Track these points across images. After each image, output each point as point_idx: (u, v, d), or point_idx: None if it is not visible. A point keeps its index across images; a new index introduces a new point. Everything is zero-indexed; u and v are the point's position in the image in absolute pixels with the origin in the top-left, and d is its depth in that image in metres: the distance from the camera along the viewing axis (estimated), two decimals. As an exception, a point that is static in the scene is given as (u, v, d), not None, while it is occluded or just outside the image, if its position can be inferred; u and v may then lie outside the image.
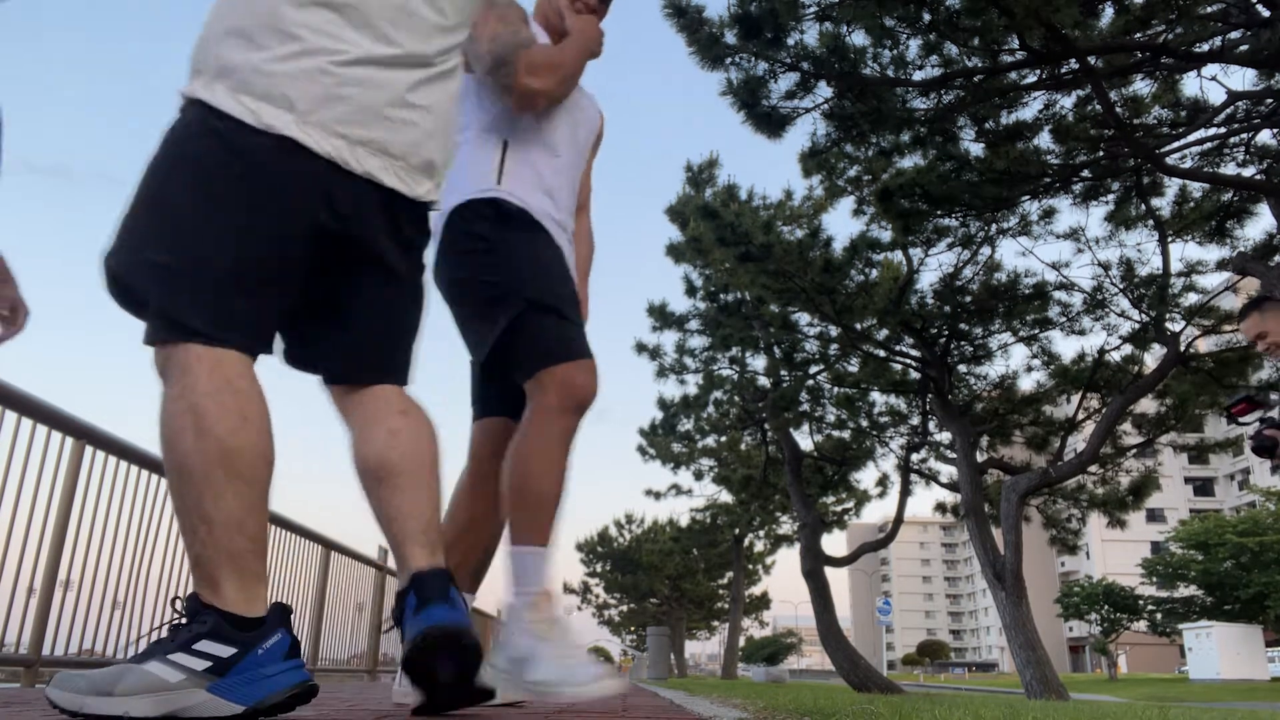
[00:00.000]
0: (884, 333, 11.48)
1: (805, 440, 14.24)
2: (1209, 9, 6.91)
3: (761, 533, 25.93)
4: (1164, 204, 9.44)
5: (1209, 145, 8.23)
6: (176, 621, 1.33)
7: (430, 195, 1.65)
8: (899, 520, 14.45)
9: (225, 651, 1.28)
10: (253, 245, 1.40)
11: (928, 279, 11.84)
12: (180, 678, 1.26)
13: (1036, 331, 11.57)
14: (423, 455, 1.57)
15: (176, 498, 1.34)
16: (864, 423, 13.83)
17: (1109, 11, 7.18)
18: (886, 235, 10.34)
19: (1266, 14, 6.54)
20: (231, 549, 1.31)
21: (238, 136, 1.40)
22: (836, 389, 13.34)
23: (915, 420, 13.82)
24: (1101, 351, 10.92)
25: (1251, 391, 3.68)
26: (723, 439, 18.81)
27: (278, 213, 1.42)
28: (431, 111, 1.60)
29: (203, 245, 1.38)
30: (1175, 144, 8.09)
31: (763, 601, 39.01)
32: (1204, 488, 69.66)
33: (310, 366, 1.64)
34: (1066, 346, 46.82)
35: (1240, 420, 3.75)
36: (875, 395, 13.63)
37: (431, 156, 1.62)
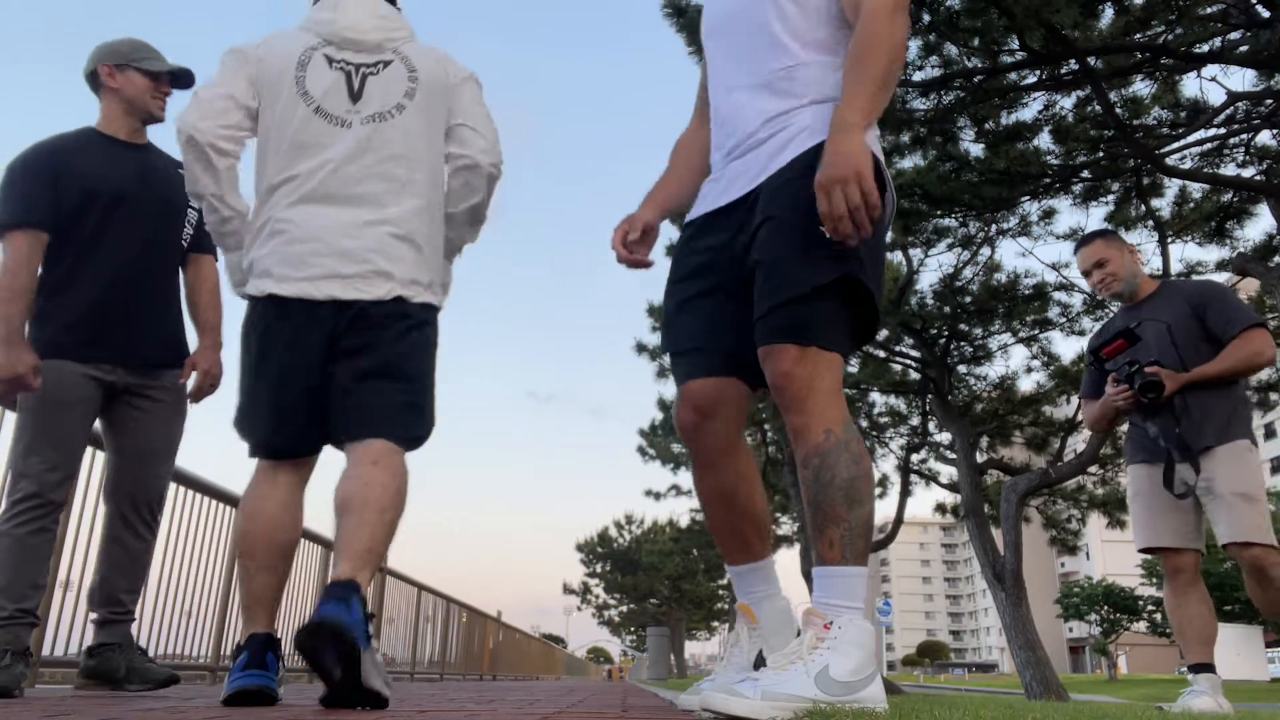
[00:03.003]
0: (884, 333, 11.48)
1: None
2: (1209, 9, 6.91)
3: (761, 533, 25.90)
4: (1164, 204, 9.45)
5: (1209, 146, 8.22)
6: None
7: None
8: (899, 521, 14.45)
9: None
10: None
11: (928, 279, 11.85)
12: None
13: (1036, 332, 11.58)
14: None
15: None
16: (864, 423, 13.84)
17: (1109, 12, 7.17)
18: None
19: (1266, 14, 6.54)
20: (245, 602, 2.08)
21: None
22: (836, 389, 13.33)
23: (915, 421, 13.83)
24: (1101, 352, 10.92)
25: (1133, 324, 3.25)
26: (723, 439, 18.79)
27: None
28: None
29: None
30: (1175, 145, 8.08)
31: (763, 602, 38.91)
32: (1204, 488, 69.51)
33: None
34: (1066, 347, 46.67)
35: (1109, 361, 3.29)
36: (875, 396, 13.63)
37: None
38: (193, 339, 2.89)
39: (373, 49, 2.17)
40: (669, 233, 19.32)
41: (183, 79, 2.83)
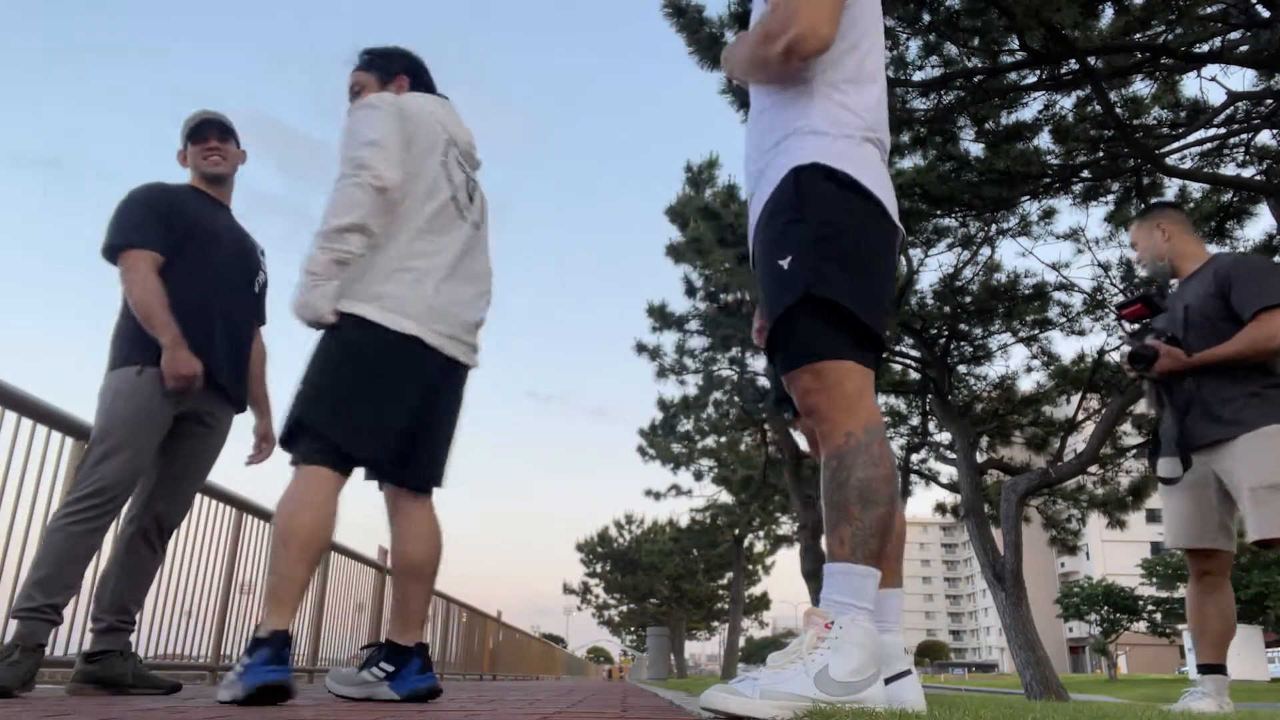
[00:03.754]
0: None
1: (805, 441, 14.24)
2: (1209, 9, 6.90)
3: (761, 533, 25.93)
4: (1164, 205, 9.43)
5: (1209, 146, 8.21)
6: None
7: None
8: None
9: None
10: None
11: (928, 279, 11.84)
12: None
13: (1036, 332, 11.57)
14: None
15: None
16: (864, 423, 13.80)
17: (1109, 12, 7.16)
18: (886, 235, 10.32)
19: (1266, 14, 6.53)
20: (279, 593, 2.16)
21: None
22: (836, 389, 13.33)
23: (915, 420, 13.82)
24: (1101, 352, 10.92)
25: (1152, 292, 3.16)
26: (723, 439, 18.82)
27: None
28: None
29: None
30: (1175, 144, 8.07)
31: (763, 602, 38.97)
32: (1204, 488, 69.42)
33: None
34: (1066, 347, 46.66)
35: (1128, 324, 3.21)
36: (875, 396, 13.62)
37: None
38: None
39: (475, 166, 2.66)
40: (670, 232, 19.24)
41: (215, 123, 3.09)
